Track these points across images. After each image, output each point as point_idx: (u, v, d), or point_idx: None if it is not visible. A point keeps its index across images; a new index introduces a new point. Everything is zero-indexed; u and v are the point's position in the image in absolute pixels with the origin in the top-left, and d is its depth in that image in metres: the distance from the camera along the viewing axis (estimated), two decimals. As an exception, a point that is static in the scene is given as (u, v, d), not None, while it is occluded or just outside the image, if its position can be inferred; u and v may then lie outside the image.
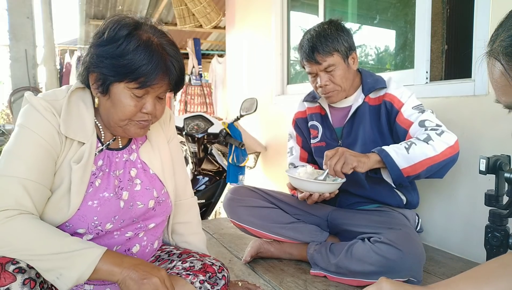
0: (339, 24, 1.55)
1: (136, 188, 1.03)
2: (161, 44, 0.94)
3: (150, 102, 0.96)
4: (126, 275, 0.84)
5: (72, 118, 0.95)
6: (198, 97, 5.26)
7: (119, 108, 0.94)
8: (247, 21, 3.56)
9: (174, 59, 0.95)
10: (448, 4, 2.38)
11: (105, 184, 0.98)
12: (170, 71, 0.94)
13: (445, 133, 1.35)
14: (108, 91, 0.93)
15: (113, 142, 1.04)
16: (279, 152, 3.02)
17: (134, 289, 0.83)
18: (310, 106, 1.77)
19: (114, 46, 0.90)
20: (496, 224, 1.19)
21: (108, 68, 0.91)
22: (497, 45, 0.59)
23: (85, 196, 0.93)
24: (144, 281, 0.84)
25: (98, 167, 0.99)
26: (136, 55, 0.89)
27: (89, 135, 0.96)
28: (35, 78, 4.43)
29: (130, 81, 0.91)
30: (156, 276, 0.85)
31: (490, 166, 1.19)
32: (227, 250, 1.79)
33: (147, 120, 0.98)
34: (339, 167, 1.31)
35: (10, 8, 4.27)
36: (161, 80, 0.93)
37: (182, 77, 0.98)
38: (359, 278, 1.34)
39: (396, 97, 1.51)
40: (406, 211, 1.59)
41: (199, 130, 2.76)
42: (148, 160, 1.08)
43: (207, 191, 2.85)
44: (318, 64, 1.51)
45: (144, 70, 0.89)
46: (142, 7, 5.38)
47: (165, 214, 1.11)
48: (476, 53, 1.59)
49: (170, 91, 0.99)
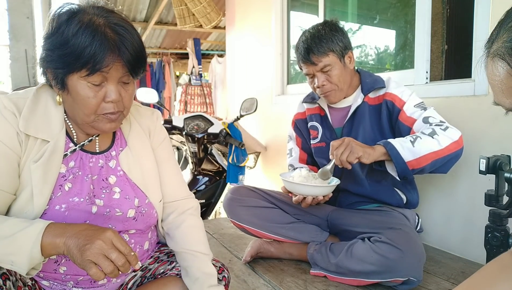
0: (333, 25, 1.57)
1: (115, 196, 0.96)
2: (106, 23, 0.85)
3: (112, 89, 0.88)
4: (70, 245, 0.75)
5: (36, 115, 0.89)
6: (198, 97, 5.26)
7: (80, 102, 0.87)
8: (247, 21, 3.56)
9: (123, 37, 0.86)
10: (448, 4, 2.38)
11: (77, 188, 0.91)
12: (120, 50, 0.85)
13: (450, 129, 1.36)
14: (65, 85, 0.87)
15: (89, 144, 0.97)
16: (279, 152, 3.02)
17: (78, 258, 0.74)
18: (309, 107, 1.78)
19: (57, 35, 0.84)
20: (496, 224, 1.19)
21: (57, 61, 0.85)
22: (500, 46, 0.58)
23: (53, 199, 0.88)
24: (86, 246, 0.74)
25: (69, 169, 0.92)
26: (78, 39, 0.82)
27: (54, 133, 0.90)
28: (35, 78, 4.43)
29: (80, 69, 0.83)
30: (99, 239, 0.75)
31: (490, 166, 1.19)
32: (227, 250, 1.79)
33: (115, 111, 0.90)
34: (345, 157, 1.31)
35: (10, 8, 4.27)
36: (112, 62, 0.84)
37: (138, 55, 0.89)
38: (359, 278, 1.35)
39: (397, 96, 1.51)
40: (406, 211, 1.59)
41: (199, 130, 2.76)
42: (128, 169, 1.00)
43: (207, 191, 2.85)
44: (314, 65, 1.53)
45: (88, 53, 0.82)
46: (142, 7, 5.39)
47: (148, 225, 1.03)
48: (476, 53, 1.59)
49: (131, 74, 0.90)
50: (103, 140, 1.01)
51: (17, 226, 0.78)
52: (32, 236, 0.76)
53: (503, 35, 0.58)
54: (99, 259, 0.73)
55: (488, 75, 0.62)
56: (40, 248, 0.75)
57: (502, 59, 0.57)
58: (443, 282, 1.41)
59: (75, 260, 0.75)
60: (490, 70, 0.60)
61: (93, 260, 0.73)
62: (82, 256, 0.73)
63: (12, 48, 4.28)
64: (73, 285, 0.95)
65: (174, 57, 7.31)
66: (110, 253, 0.74)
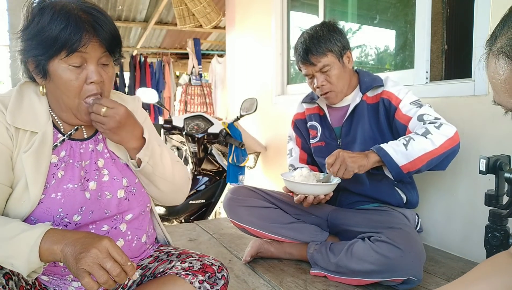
0: (331, 25, 1.59)
1: (104, 179, 0.99)
2: (78, 7, 0.90)
3: (93, 69, 0.91)
4: (66, 252, 0.75)
5: (22, 109, 0.92)
6: (198, 97, 5.26)
7: (63, 86, 0.90)
8: (247, 21, 3.56)
9: (96, 17, 0.90)
10: (448, 4, 2.38)
11: (69, 175, 0.94)
12: (96, 29, 0.89)
13: (444, 126, 1.37)
14: (47, 72, 0.90)
15: (76, 132, 1.01)
16: (279, 152, 3.02)
17: (73, 267, 0.73)
18: (308, 107, 1.79)
19: (33, 25, 0.88)
20: (496, 224, 1.19)
21: (36, 48, 0.88)
22: (505, 43, 0.55)
23: (48, 188, 0.91)
24: (81, 255, 0.73)
25: (60, 158, 0.95)
26: (53, 24, 0.86)
27: (41, 124, 0.93)
28: (35, 78, 4.44)
29: (59, 51, 0.87)
30: (94, 248, 0.73)
31: (490, 166, 1.19)
32: (227, 250, 1.79)
33: (97, 93, 0.93)
34: (341, 174, 1.37)
35: (10, 8, 4.28)
36: (89, 41, 0.88)
37: (113, 33, 0.93)
38: (359, 277, 1.35)
39: (394, 94, 1.53)
40: (406, 211, 1.59)
41: (199, 130, 2.76)
42: (117, 149, 1.03)
43: (207, 191, 2.85)
44: (313, 65, 1.55)
45: (65, 34, 0.86)
46: (142, 7, 5.38)
47: (142, 204, 1.05)
48: (476, 53, 1.59)
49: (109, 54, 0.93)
50: (89, 125, 1.02)
51: (17, 229, 0.79)
52: (30, 241, 0.76)
53: (508, 32, 0.56)
54: (93, 268, 0.72)
55: (489, 74, 0.59)
56: (38, 253, 0.75)
57: (507, 57, 0.55)
58: (443, 282, 1.41)
59: (71, 269, 0.74)
60: (493, 69, 0.58)
61: (87, 269, 0.72)
62: (77, 265, 0.72)
63: (12, 48, 4.28)
64: (72, 279, 0.96)
65: (174, 57, 7.31)
66: (105, 262, 0.73)
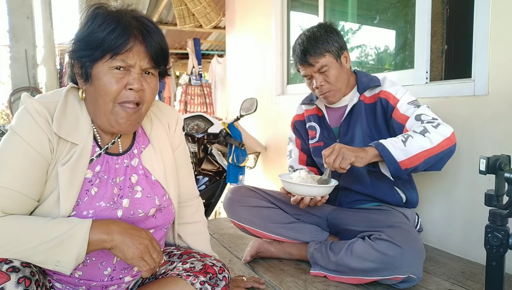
0: (328, 26, 1.60)
1: (137, 195, 0.98)
2: (131, 15, 0.90)
3: (135, 76, 0.90)
4: (119, 241, 0.85)
5: (66, 117, 0.91)
6: (198, 97, 5.26)
7: (101, 89, 0.89)
8: (247, 21, 3.56)
9: (147, 26, 0.90)
10: (448, 4, 2.38)
11: (102, 192, 0.93)
12: (144, 36, 0.89)
13: (441, 126, 1.37)
14: (89, 76, 0.90)
15: (112, 146, 0.99)
16: (279, 152, 3.02)
17: (129, 254, 0.85)
18: (307, 108, 1.81)
19: (85, 27, 0.89)
20: (496, 224, 1.19)
21: (83, 50, 0.89)
22: None
23: (80, 205, 0.89)
24: (138, 245, 0.86)
25: (95, 174, 0.93)
26: (103, 26, 0.87)
27: (83, 136, 0.92)
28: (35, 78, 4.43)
29: (103, 54, 0.87)
30: (145, 239, 0.88)
31: (490, 166, 1.19)
32: (227, 250, 1.79)
33: (134, 100, 0.91)
34: (337, 164, 1.34)
35: (10, 8, 4.27)
36: (134, 46, 0.88)
37: (161, 45, 0.92)
38: (359, 276, 1.35)
39: (391, 93, 1.53)
40: (405, 210, 1.59)
41: (199, 130, 2.76)
42: (150, 165, 1.02)
43: (207, 191, 2.85)
44: (311, 66, 1.56)
45: (111, 37, 0.86)
46: (142, 7, 5.38)
47: (167, 221, 1.06)
48: (476, 53, 1.59)
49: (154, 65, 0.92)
50: (125, 140, 1.03)
51: (61, 227, 0.82)
52: (79, 237, 0.81)
53: None
54: (146, 256, 0.87)
55: None
56: (86, 248, 0.82)
57: None
58: (443, 282, 1.41)
59: (124, 255, 0.85)
60: None
61: (142, 257, 0.86)
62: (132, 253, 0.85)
63: (12, 48, 4.28)
64: None
65: (174, 57, 7.31)
66: (153, 252, 0.89)
